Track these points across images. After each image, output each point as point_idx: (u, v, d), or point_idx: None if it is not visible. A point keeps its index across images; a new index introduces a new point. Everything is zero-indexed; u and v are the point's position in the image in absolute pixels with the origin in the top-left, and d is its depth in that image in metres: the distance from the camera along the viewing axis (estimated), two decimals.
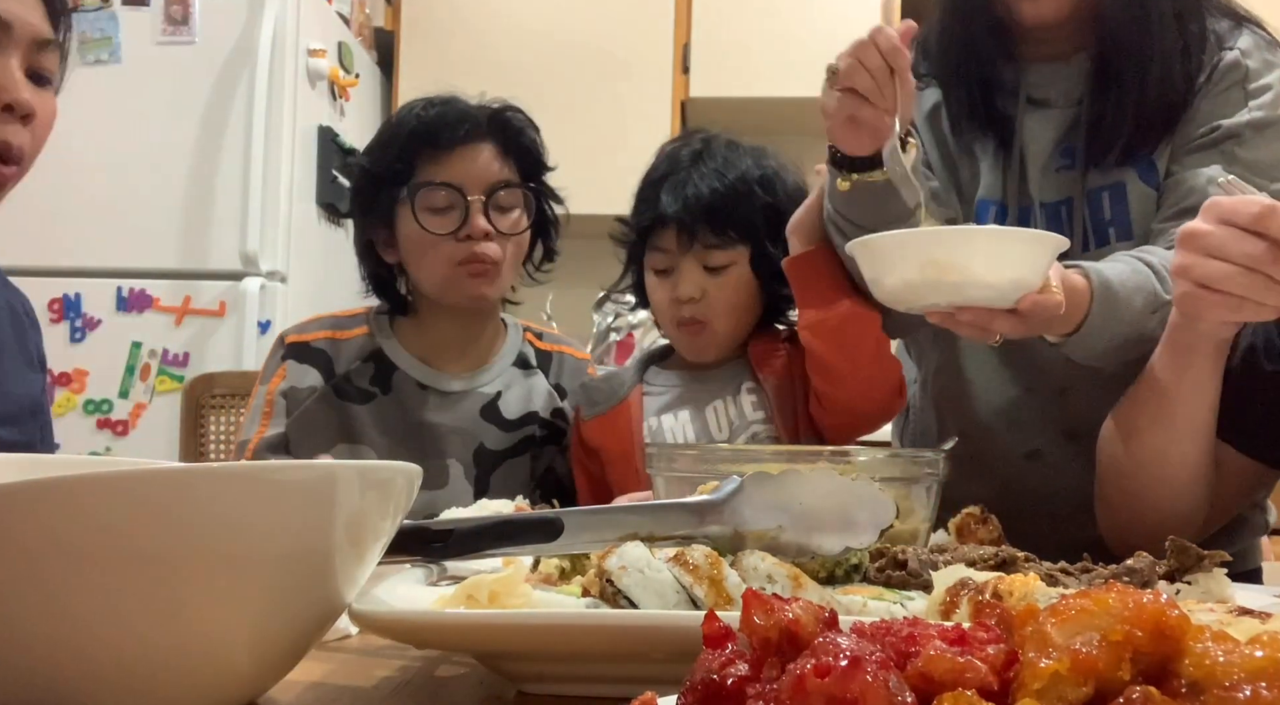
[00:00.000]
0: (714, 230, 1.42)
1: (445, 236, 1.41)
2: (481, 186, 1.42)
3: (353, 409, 1.46)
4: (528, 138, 1.49)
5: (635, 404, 1.48)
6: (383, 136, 1.49)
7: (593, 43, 3.28)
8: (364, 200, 1.50)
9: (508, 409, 1.51)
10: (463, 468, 1.47)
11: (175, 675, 0.48)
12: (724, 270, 1.43)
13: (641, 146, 1.60)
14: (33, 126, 1.10)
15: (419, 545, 0.66)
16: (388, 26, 3.41)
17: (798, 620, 0.34)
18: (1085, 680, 0.30)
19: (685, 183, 1.43)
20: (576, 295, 3.13)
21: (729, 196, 1.42)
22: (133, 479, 0.45)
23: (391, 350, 1.50)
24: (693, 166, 1.45)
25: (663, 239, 1.45)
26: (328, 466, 0.50)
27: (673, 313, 1.46)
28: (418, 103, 1.47)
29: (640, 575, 0.60)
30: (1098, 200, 1.23)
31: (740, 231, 1.43)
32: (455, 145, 1.42)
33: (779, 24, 3.25)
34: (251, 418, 1.49)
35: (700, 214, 1.41)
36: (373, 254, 1.50)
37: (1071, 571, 0.70)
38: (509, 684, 0.60)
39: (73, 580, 0.44)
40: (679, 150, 1.49)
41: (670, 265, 1.45)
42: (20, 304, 1.35)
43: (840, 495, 0.68)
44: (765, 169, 1.46)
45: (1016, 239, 1.00)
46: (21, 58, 1.08)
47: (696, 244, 1.42)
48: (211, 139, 2.65)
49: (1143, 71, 1.18)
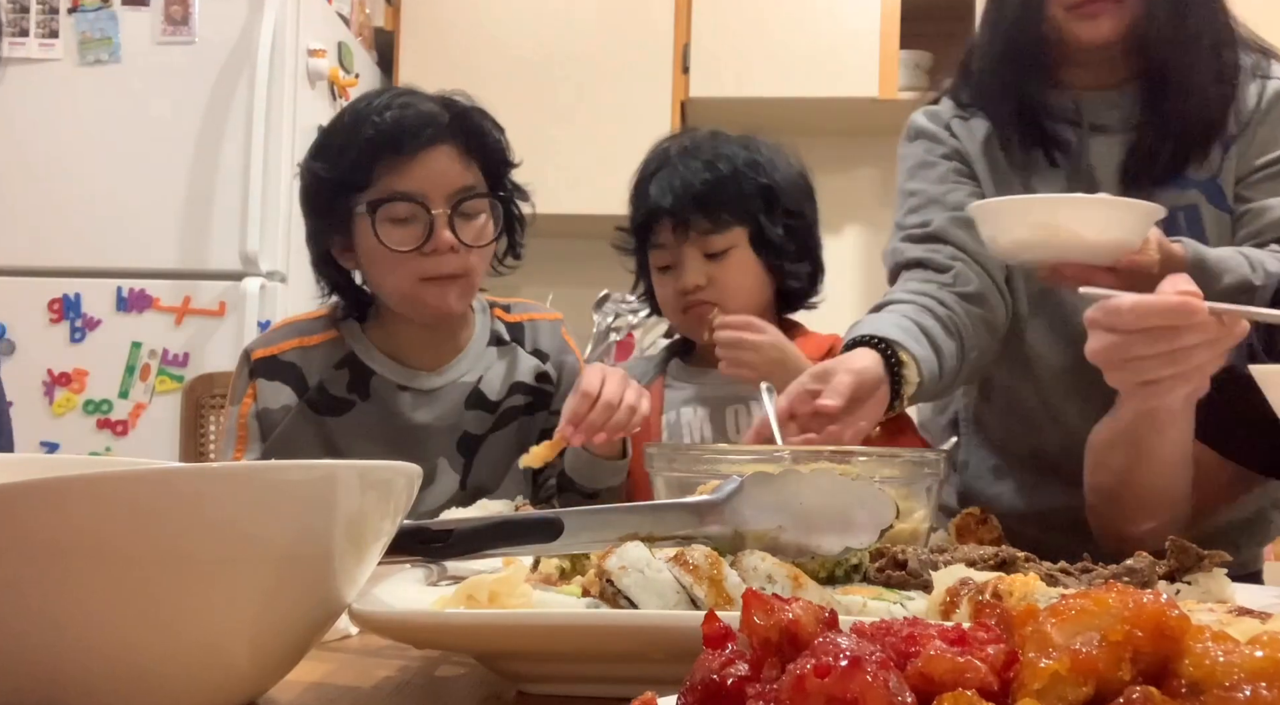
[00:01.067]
0: (707, 216, 1.44)
1: (408, 253, 1.32)
2: (445, 195, 1.33)
3: (331, 422, 1.41)
4: (491, 139, 1.39)
5: (656, 395, 1.49)
6: (336, 139, 1.37)
7: (592, 43, 3.28)
8: (317, 207, 1.41)
9: (490, 391, 1.45)
10: (447, 460, 1.43)
11: (175, 675, 0.48)
12: (724, 255, 1.45)
13: (641, 147, 1.60)
14: None
15: (419, 545, 0.66)
16: (388, 26, 3.41)
17: (798, 620, 0.34)
18: (1085, 680, 0.30)
19: (673, 174, 1.45)
20: (576, 295, 3.13)
21: (717, 181, 1.44)
22: (132, 479, 0.45)
23: (365, 353, 1.44)
24: (680, 159, 1.46)
25: (660, 234, 1.47)
26: (327, 466, 0.50)
27: (679, 303, 1.47)
28: (371, 102, 1.37)
29: (640, 575, 0.60)
30: (1174, 221, 1.27)
31: (734, 214, 1.44)
32: (417, 151, 1.32)
33: (779, 24, 3.25)
34: (226, 441, 1.44)
35: (691, 201, 1.43)
36: (329, 261, 1.43)
37: (1071, 571, 0.70)
38: (509, 684, 0.60)
39: (71, 581, 0.44)
40: (667, 148, 1.51)
41: (672, 260, 1.47)
42: None
43: (840, 495, 0.68)
44: (754, 153, 1.48)
45: (1120, 206, 1.13)
46: None
47: (692, 232, 1.44)
48: (211, 139, 2.65)
49: (1185, 96, 1.25)
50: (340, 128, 1.38)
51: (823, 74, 3.22)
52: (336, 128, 1.40)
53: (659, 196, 1.45)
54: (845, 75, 3.22)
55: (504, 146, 1.42)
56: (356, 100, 1.41)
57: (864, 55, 3.21)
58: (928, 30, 3.32)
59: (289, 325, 1.50)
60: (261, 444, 1.41)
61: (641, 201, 1.49)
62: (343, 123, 1.39)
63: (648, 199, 1.47)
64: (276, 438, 1.40)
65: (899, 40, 3.21)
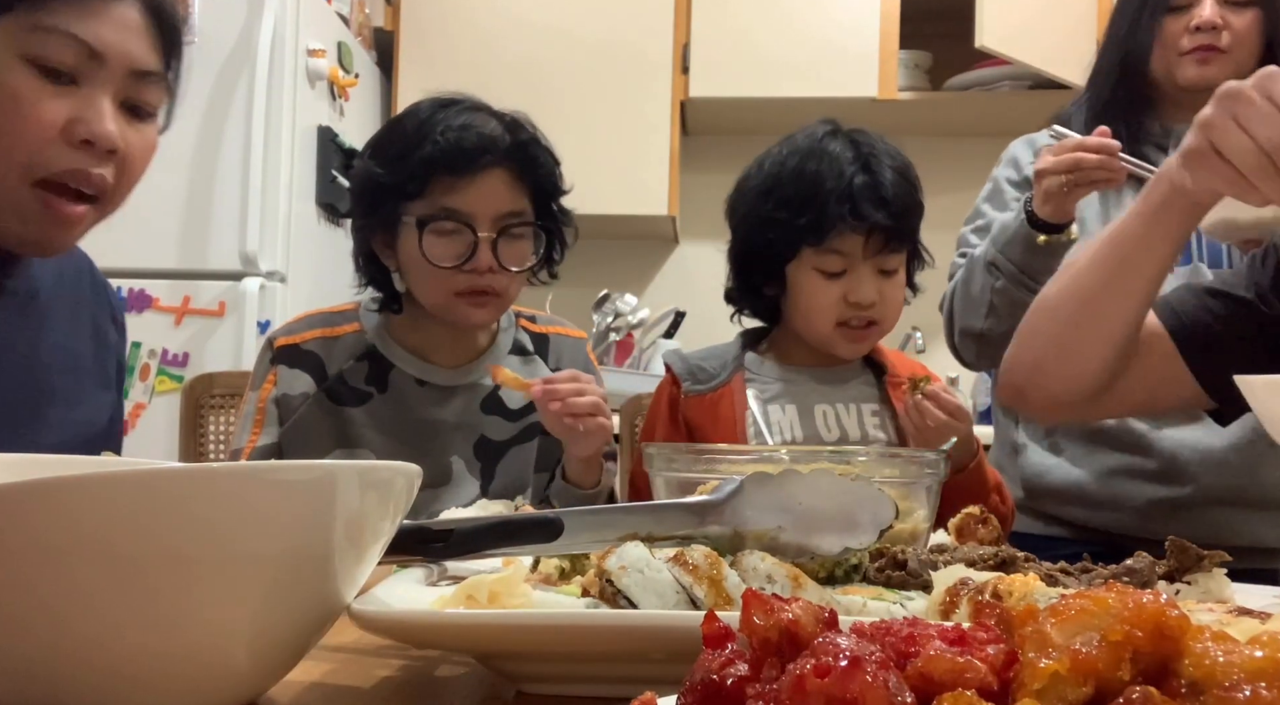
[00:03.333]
0: (902, 239, 1.41)
1: (448, 269, 1.36)
2: (492, 218, 1.37)
3: (348, 412, 1.44)
4: (545, 169, 1.42)
5: (738, 389, 1.46)
6: (396, 147, 1.40)
7: (592, 42, 3.28)
8: (367, 206, 1.43)
9: (511, 399, 1.48)
10: (464, 462, 1.45)
11: (175, 675, 0.48)
12: (894, 275, 1.43)
13: (641, 146, 1.60)
14: (122, 161, 1.03)
15: (419, 545, 0.66)
16: (387, 26, 3.41)
17: (797, 620, 0.34)
18: (1085, 680, 0.30)
19: (879, 185, 1.38)
20: (576, 295, 3.13)
21: (914, 202, 1.42)
22: (132, 479, 0.45)
23: (386, 347, 1.47)
24: (879, 172, 1.40)
25: (844, 242, 1.40)
26: (327, 467, 0.50)
27: (839, 314, 1.41)
28: (435, 114, 1.39)
29: (640, 575, 0.60)
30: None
31: (912, 236, 1.43)
32: (472, 173, 1.36)
33: (779, 24, 3.25)
34: (243, 425, 1.46)
35: (898, 221, 1.39)
36: (370, 256, 1.46)
37: (1071, 571, 0.70)
38: (509, 684, 0.60)
39: (71, 581, 0.44)
40: (845, 153, 1.42)
41: (845, 268, 1.41)
42: (110, 311, 1.27)
43: (840, 495, 0.68)
44: (910, 164, 1.46)
45: None
46: (116, 90, 1.02)
47: (882, 251, 1.40)
48: (211, 139, 2.65)
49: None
50: (401, 135, 1.40)
51: (822, 74, 3.22)
52: (397, 133, 1.42)
53: (868, 204, 1.37)
54: (845, 75, 3.22)
55: (556, 176, 1.45)
56: (422, 106, 1.42)
57: (863, 55, 3.21)
58: (927, 30, 3.32)
59: (313, 316, 1.53)
60: (279, 428, 1.44)
61: (826, 206, 1.38)
62: (404, 129, 1.41)
63: (848, 198, 1.37)
64: (293, 424, 1.43)
65: (898, 40, 3.21)
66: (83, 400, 1.18)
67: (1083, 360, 1.13)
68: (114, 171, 1.03)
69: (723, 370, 1.49)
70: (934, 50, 3.40)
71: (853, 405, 1.45)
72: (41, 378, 1.13)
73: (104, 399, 1.22)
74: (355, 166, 1.47)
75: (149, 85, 1.05)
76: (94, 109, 1.00)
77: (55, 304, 1.17)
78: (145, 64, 1.04)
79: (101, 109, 1.00)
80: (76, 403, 1.17)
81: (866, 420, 1.44)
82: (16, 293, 1.12)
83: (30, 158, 0.99)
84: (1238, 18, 1.53)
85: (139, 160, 1.06)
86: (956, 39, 3.15)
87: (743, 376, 1.48)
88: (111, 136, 1.00)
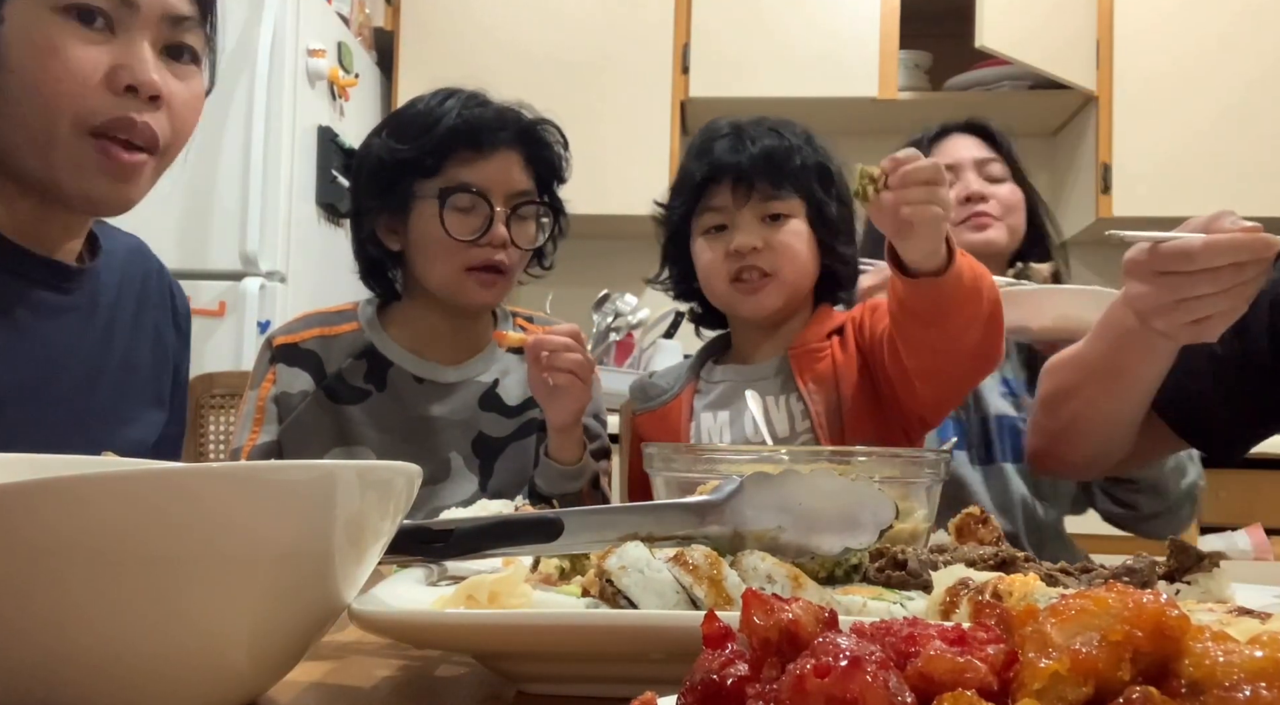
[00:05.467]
0: (772, 179, 1.41)
1: (464, 242, 1.40)
2: (505, 195, 1.42)
3: (347, 410, 1.45)
4: (555, 153, 1.48)
5: (687, 401, 1.48)
6: (413, 124, 1.43)
7: (592, 43, 3.28)
8: (379, 185, 1.45)
9: (509, 395, 1.50)
10: (463, 459, 1.46)
11: (175, 675, 0.48)
12: (783, 220, 1.43)
13: (641, 147, 1.60)
14: (171, 110, 1.03)
15: (419, 545, 0.66)
16: (387, 26, 3.41)
17: (798, 620, 0.34)
18: (1085, 680, 0.30)
19: (741, 138, 1.43)
20: (576, 295, 3.13)
21: (786, 148, 1.42)
22: (132, 479, 0.45)
23: (383, 345, 1.48)
24: (748, 126, 1.45)
25: (716, 196, 1.43)
26: (327, 467, 0.50)
27: (727, 268, 1.43)
28: (444, 101, 1.43)
29: (640, 575, 0.60)
30: None
31: (797, 182, 1.42)
32: (489, 149, 1.41)
33: (779, 24, 3.26)
34: (242, 424, 1.47)
35: (760, 162, 1.41)
36: (374, 240, 1.47)
37: (1071, 571, 0.70)
38: (509, 684, 0.60)
39: (71, 580, 0.44)
40: (731, 120, 1.48)
41: (724, 221, 1.44)
42: (172, 315, 1.25)
43: (840, 495, 0.68)
44: (813, 135, 1.48)
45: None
46: (154, 37, 1.01)
47: (755, 195, 1.41)
48: (211, 139, 2.65)
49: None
50: (415, 116, 1.44)
51: (822, 74, 3.22)
52: (410, 116, 1.45)
53: (726, 154, 1.42)
54: (845, 75, 3.22)
55: (562, 162, 1.50)
56: (427, 97, 1.46)
57: (863, 55, 3.22)
58: (927, 30, 3.33)
59: (312, 316, 1.54)
60: (278, 426, 1.44)
61: (703, 159, 1.45)
62: (416, 111, 1.45)
63: (711, 156, 1.43)
64: (292, 422, 1.44)
65: (898, 40, 3.21)
66: (134, 417, 1.17)
67: (1090, 451, 1.23)
68: (164, 122, 1.03)
69: (675, 384, 1.51)
70: (934, 50, 3.40)
71: (777, 395, 1.44)
72: (98, 395, 1.12)
73: (153, 417, 1.21)
74: (363, 149, 1.49)
75: (186, 30, 1.05)
76: (135, 55, 1.00)
77: (118, 314, 1.16)
78: (179, 8, 1.04)
79: (142, 54, 1.00)
80: (128, 420, 1.16)
81: (794, 406, 1.43)
82: (79, 306, 1.11)
83: (77, 107, 0.98)
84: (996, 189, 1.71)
85: (187, 109, 1.06)
86: (956, 39, 3.16)
87: (694, 387, 1.50)
88: (154, 83, 1.00)
